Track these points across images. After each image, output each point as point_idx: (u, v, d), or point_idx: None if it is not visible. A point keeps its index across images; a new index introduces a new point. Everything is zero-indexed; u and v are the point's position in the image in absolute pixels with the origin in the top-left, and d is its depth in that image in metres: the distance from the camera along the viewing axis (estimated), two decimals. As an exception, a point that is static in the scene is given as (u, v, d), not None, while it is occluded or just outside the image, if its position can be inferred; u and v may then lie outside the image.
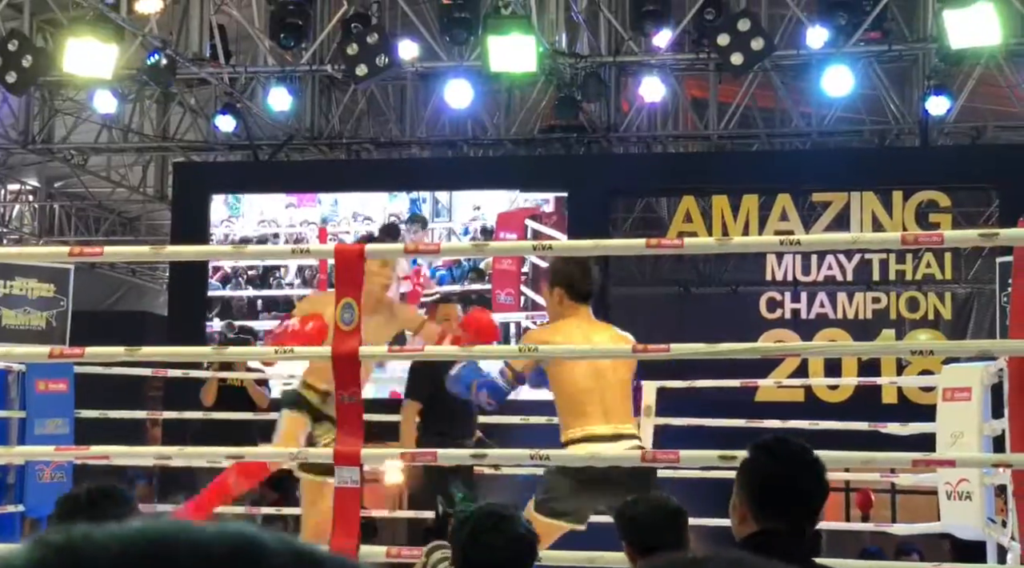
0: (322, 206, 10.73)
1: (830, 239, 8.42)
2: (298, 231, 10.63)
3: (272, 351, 4.44)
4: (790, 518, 2.39)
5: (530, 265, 10.10)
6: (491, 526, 2.61)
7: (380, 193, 10.68)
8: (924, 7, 9.99)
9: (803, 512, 2.41)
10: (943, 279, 9.75)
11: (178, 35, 10.47)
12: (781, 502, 2.39)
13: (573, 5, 10.31)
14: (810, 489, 2.42)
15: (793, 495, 2.41)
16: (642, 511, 3.07)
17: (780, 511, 2.39)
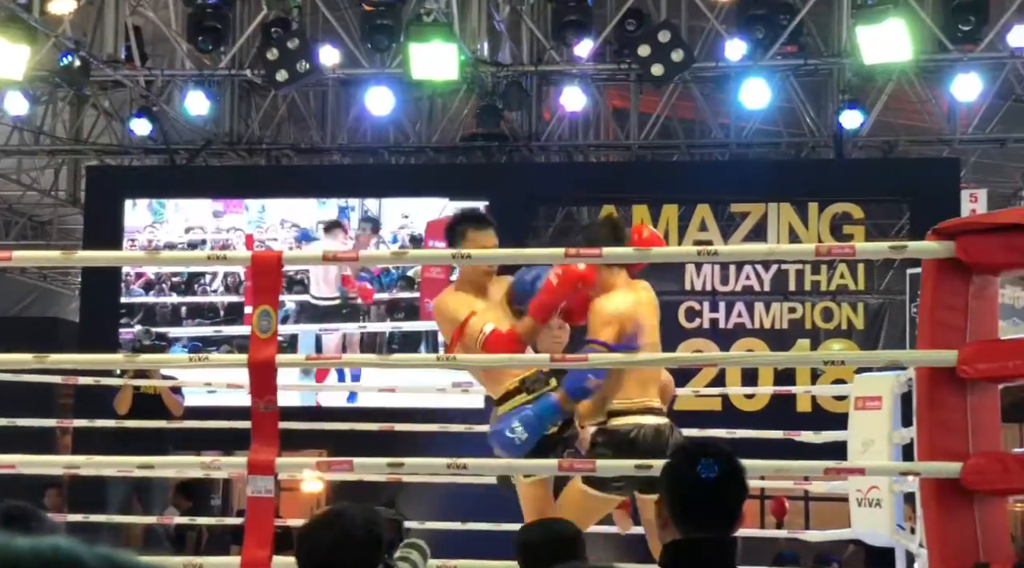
0: (249, 212, 10.60)
1: (747, 250, 8.54)
2: (225, 238, 10.49)
3: (187, 359, 4.38)
4: (710, 524, 2.41)
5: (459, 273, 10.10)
6: (324, 523, 2.54)
7: (308, 200, 10.58)
8: (838, 23, 10.18)
9: (721, 518, 2.42)
10: (856, 290, 9.94)
11: (92, 36, 10.28)
12: (699, 508, 2.41)
13: (495, 14, 10.33)
14: (728, 495, 2.43)
15: (711, 501, 2.42)
16: (535, 538, 3.05)
17: (699, 517, 2.40)
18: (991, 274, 3.38)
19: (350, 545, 2.50)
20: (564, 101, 10.73)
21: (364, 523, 2.55)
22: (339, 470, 3.99)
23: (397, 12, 9.64)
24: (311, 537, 2.53)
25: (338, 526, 2.51)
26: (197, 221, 10.63)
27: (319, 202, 10.60)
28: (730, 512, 2.42)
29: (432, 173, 11.34)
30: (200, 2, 9.98)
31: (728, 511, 2.42)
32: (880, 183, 10.21)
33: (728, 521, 2.41)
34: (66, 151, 12.43)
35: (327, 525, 2.51)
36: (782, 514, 10.19)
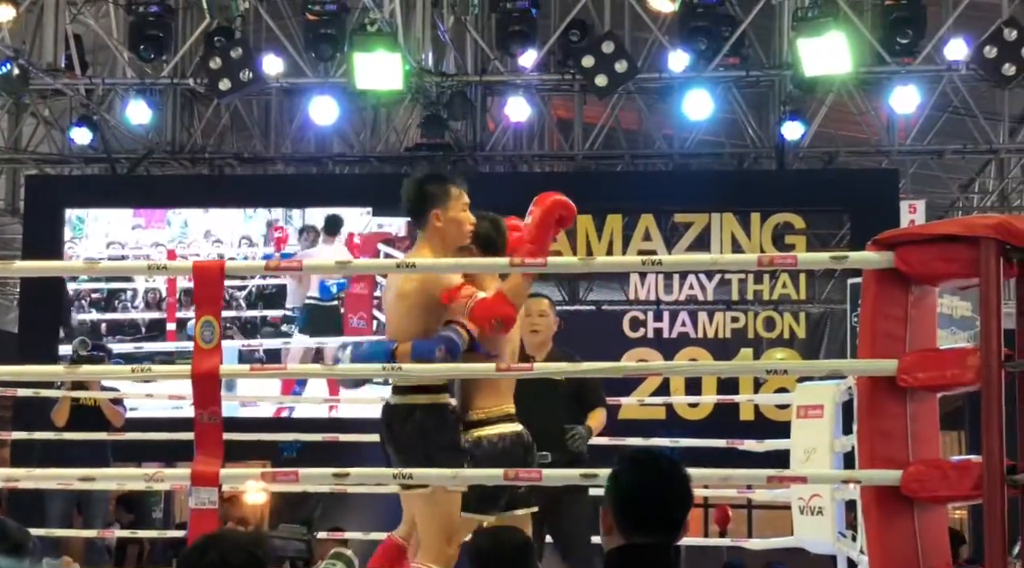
0: (172, 227, 10.46)
1: (691, 260, 8.61)
2: (146, 252, 10.34)
3: (128, 370, 4.33)
4: (653, 531, 2.42)
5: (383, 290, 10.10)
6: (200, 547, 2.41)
7: (235, 212, 10.47)
8: (780, 35, 10.31)
9: (666, 524, 2.43)
10: (798, 299, 10.05)
11: (32, 44, 10.15)
12: (644, 514, 2.42)
13: (439, 24, 10.34)
14: (673, 501, 2.44)
15: (656, 507, 2.43)
16: (488, 545, 3.05)
17: (643, 523, 2.41)
18: (930, 284, 3.43)
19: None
20: (508, 111, 10.75)
21: (244, 546, 2.44)
22: (285, 481, 3.96)
23: (341, 21, 9.62)
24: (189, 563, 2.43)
25: (214, 551, 2.42)
26: (118, 236, 10.47)
27: (245, 215, 10.47)
28: (674, 518, 2.43)
29: (377, 183, 11.29)
30: (142, 11, 9.90)
31: (672, 517, 2.44)
32: (821, 194, 10.33)
33: (672, 527, 2.43)
34: (5, 160, 12.24)
35: (202, 550, 2.41)
36: (725, 523, 10.24)
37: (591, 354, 4.53)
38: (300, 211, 10.47)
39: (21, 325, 11.03)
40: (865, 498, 3.50)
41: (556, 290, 12.85)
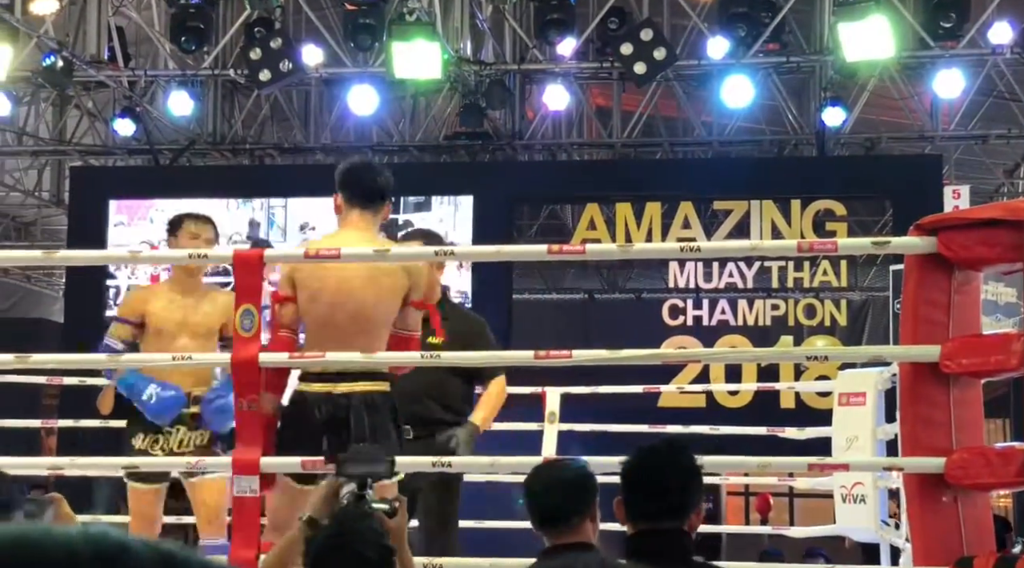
0: (154, 224, 10.25)
1: (729, 246, 8.56)
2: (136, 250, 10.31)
3: (169, 358, 4.37)
4: (657, 517, 2.46)
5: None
6: (333, 547, 2.44)
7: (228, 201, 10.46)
8: (820, 20, 10.22)
9: (668, 510, 2.47)
10: (839, 287, 9.98)
11: (75, 37, 10.25)
12: (644, 501, 2.47)
13: (478, 13, 10.33)
14: (670, 487, 2.47)
15: (654, 494, 2.47)
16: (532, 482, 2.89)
17: (645, 510, 2.46)
18: (973, 269, 3.40)
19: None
20: (547, 100, 10.73)
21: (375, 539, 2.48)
22: (325, 469, 3.98)
23: (380, 11, 9.63)
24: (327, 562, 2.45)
25: (350, 549, 2.45)
26: None
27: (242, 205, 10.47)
28: (674, 503, 2.46)
29: (415, 172, 11.33)
30: (183, 2, 9.96)
31: (672, 502, 2.47)
32: (863, 180, 10.25)
33: (675, 512, 2.45)
34: (49, 152, 12.38)
35: (336, 549, 2.45)
36: (767, 510, 10.23)
37: (630, 341, 4.53)
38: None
39: (66, 314, 11.17)
40: (908, 486, 3.48)
41: (596, 278, 12.85)
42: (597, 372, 6.38)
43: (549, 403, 6.78)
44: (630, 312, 11.24)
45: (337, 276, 3.84)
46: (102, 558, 0.57)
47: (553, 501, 2.73)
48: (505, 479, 5.74)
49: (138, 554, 0.59)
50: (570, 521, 2.70)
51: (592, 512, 2.75)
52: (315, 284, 3.83)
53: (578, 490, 2.78)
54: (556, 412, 6.73)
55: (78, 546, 0.57)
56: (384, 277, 3.86)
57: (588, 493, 2.79)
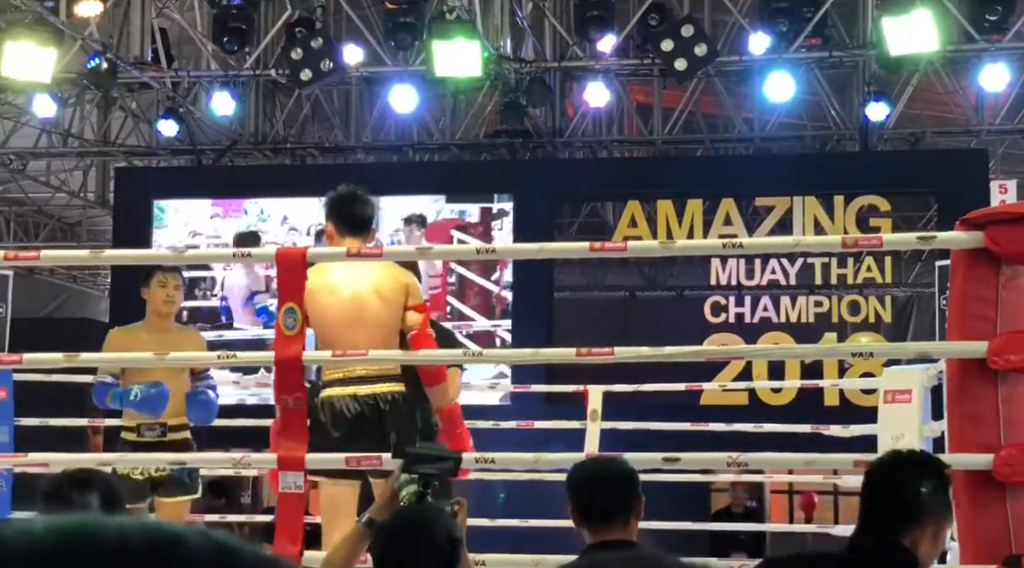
0: (248, 215, 10.60)
1: (771, 242, 8.50)
2: (226, 241, 10.47)
3: (215, 357, 4.40)
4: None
5: (456, 276, 10.14)
6: (406, 537, 2.48)
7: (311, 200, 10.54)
8: (863, 14, 10.13)
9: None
10: (884, 283, 9.88)
11: (119, 39, 10.35)
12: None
13: (518, 10, 10.33)
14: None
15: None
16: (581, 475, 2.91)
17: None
18: (1021, 264, 3.36)
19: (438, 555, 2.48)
20: (587, 97, 10.71)
21: (446, 533, 2.53)
22: (369, 465, 4.00)
23: (420, 10, 9.65)
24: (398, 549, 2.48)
25: (424, 535, 2.48)
26: (197, 225, 10.63)
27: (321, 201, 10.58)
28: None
29: (456, 170, 11.36)
30: (225, 3, 10.03)
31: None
32: (907, 175, 10.15)
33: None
34: (94, 153, 12.52)
35: (411, 534, 2.47)
36: (811, 509, 10.15)
37: (672, 339, 4.51)
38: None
39: (112, 314, 11.28)
40: (956, 483, 3.44)
41: (637, 275, 12.80)
42: (639, 370, 6.36)
43: (591, 401, 6.78)
44: (672, 310, 11.19)
45: (350, 292, 4.25)
46: (157, 549, 0.57)
47: (602, 498, 2.75)
48: (548, 477, 5.74)
49: (194, 545, 0.58)
50: (617, 519, 2.72)
51: (638, 510, 2.76)
52: (329, 300, 4.19)
53: (627, 487, 2.79)
54: (598, 410, 6.73)
55: (132, 537, 0.57)
56: (387, 290, 4.27)
57: (635, 490, 2.82)
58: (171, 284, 5.32)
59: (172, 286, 5.32)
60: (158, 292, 5.29)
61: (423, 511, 2.64)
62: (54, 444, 6.17)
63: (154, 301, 5.30)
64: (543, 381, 8.44)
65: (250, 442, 7.42)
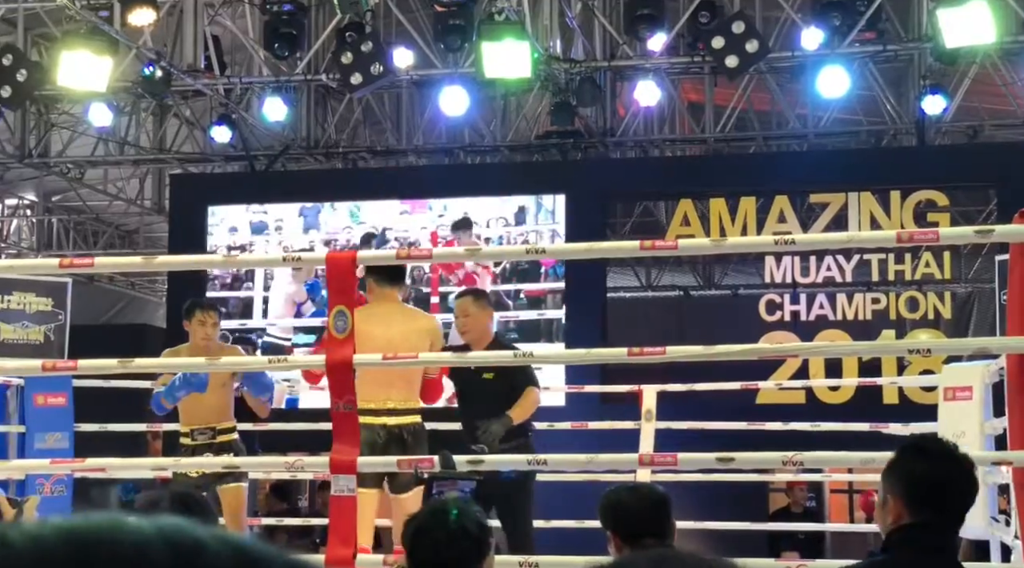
0: (432, 211, 10.54)
1: (825, 238, 8.40)
2: (414, 237, 10.44)
3: (266, 361, 4.42)
4: (945, 512, 2.46)
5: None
6: (437, 523, 2.55)
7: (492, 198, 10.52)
8: (918, 7, 9.98)
9: (955, 508, 2.48)
10: (943, 279, 9.73)
11: (172, 47, 10.45)
12: (934, 499, 2.45)
13: (567, 10, 10.29)
14: (962, 486, 2.49)
15: (946, 492, 2.47)
16: (626, 498, 3.04)
17: (933, 508, 2.44)
18: (1082, 256, 3.28)
19: (466, 541, 2.52)
20: (638, 96, 10.65)
21: (475, 521, 2.57)
22: (424, 468, 4.00)
23: (469, 12, 9.65)
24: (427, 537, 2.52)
25: (453, 525, 2.52)
26: (382, 221, 10.66)
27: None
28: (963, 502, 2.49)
29: (508, 171, 11.34)
30: (276, 10, 10.10)
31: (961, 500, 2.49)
32: (965, 169, 9.98)
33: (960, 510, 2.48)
34: (150, 160, 12.66)
35: (440, 524, 2.52)
36: (871, 509, 10.01)
37: (727, 338, 4.47)
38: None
39: (169, 320, 11.40)
40: (1018, 481, 3.36)
41: (691, 275, 12.73)
42: (694, 370, 6.31)
43: (646, 401, 6.73)
44: (726, 308, 11.11)
45: (383, 337, 4.85)
46: (177, 557, 0.56)
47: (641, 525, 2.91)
48: (602, 478, 5.70)
49: (215, 553, 0.57)
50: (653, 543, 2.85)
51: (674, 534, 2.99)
52: (366, 343, 4.50)
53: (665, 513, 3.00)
54: (653, 410, 6.68)
55: (152, 544, 0.56)
56: (415, 337, 4.98)
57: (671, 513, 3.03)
58: (209, 322, 5.73)
59: (210, 323, 5.73)
60: (198, 329, 5.70)
61: (452, 500, 2.70)
62: (113, 449, 6.24)
63: (195, 336, 5.70)
64: (598, 381, 8.40)
65: (305, 446, 7.46)
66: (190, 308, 5.84)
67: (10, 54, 9.70)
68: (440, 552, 2.48)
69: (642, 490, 3.17)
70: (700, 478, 6.41)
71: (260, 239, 10.70)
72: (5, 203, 14.91)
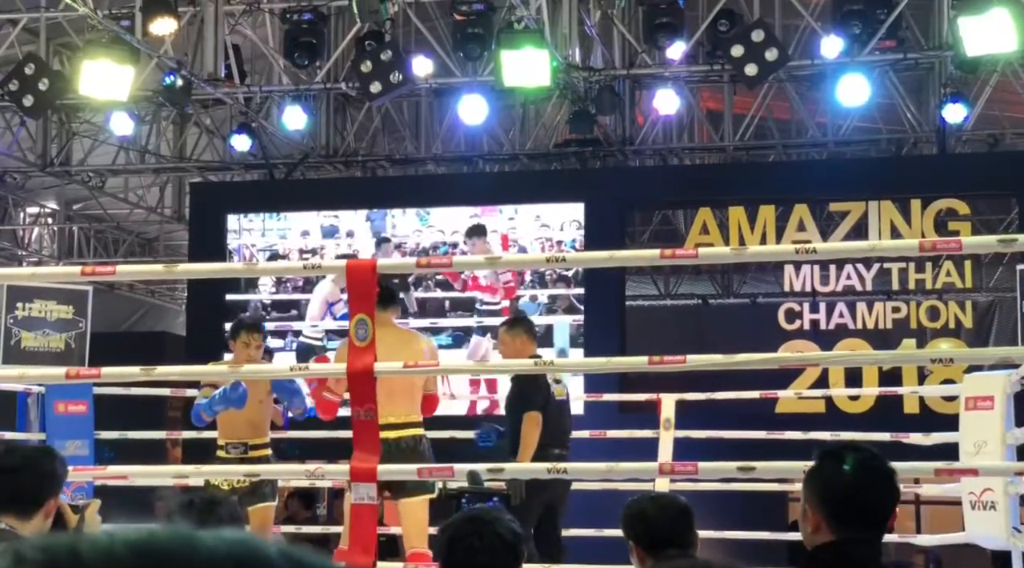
0: (502, 215, 10.52)
1: (846, 247, 8.36)
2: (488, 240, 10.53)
3: (288, 369, 4.43)
4: (865, 526, 2.39)
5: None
6: (472, 531, 2.55)
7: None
8: (939, 15, 9.94)
9: (877, 520, 2.41)
10: (963, 288, 9.68)
11: (193, 56, 10.50)
12: (856, 511, 2.39)
13: (586, 19, 10.30)
14: (883, 497, 2.42)
15: (868, 503, 2.40)
16: (648, 508, 3.03)
17: (855, 520, 2.38)
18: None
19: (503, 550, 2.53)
20: (657, 104, 10.64)
21: (509, 528, 2.58)
22: (440, 476, 4.00)
23: (488, 20, 9.66)
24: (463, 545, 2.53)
25: (488, 533, 2.52)
26: (451, 225, 10.67)
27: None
28: (883, 512, 2.43)
29: (526, 180, 11.35)
30: (296, 19, 10.13)
31: (881, 511, 2.42)
32: (987, 178, 9.94)
33: (881, 521, 2.42)
34: (170, 169, 12.72)
35: (476, 533, 2.53)
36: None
37: (745, 347, 4.47)
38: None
39: (189, 327, 11.44)
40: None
41: (710, 283, 12.70)
42: (713, 378, 6.29)
43: (664, 409, 6.71)
44: (745, 317, 11.07)
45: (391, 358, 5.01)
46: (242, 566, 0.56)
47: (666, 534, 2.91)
48: (622, 486, 5.69)
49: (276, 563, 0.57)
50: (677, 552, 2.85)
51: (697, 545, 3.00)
52: None
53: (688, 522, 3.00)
54: (672, 418, 6.67)
55: (218, 553, 0.55)
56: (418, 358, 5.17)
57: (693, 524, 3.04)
58: (254, 344, 5.79)
59: (255, 345, 5.79)
60: (242, 350, 5.76)
61: (485, 509, 2.72)
62: (133, 457, 6.27)
63: (238, 356, 5.77)
64: (616, 390, 8.39)
65: (324, 454, 7.47)
66: (236, 328, 5.90)
67: (32, 63, 9.76)
68: (478, 560, 2.49)
69: (665, 500, 3.16)
70: (719, 487, 6.39)
71: (331, 243, 10.75)
72: (26, 211, 15.00)
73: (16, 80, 9.74)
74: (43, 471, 2.82)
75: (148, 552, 0.55)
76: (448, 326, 10.28)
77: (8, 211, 14.46)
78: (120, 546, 0.55)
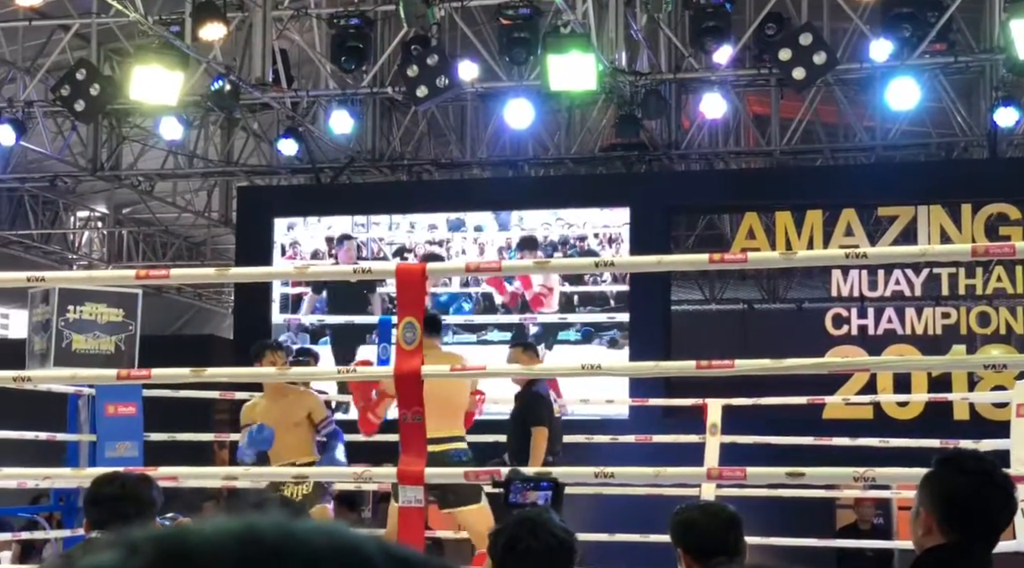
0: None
1: (897, 252, 8.28)
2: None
3: (335, 371, 4.46)
4: (976, 533, 2.41)
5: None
6: (527, 532, 2.60)
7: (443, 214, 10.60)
8: (990, 18, 9.83)
9: (989, 527, 2.43)
10: (1015, 293, 9.55)
11: (241, 61, 10.58)
12: (969, 517, 2.40)
13: (632, 23, 10.27)
14: (999, 505, 2.43)
15: (982, 510, 2.41)
16: (698, 516, 3.03)
17: (967, 525, 2.40)
18: None
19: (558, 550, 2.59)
20: (704, 108, 10.60)
21: (561, 528, 2.66)
22: (484, 480, 4.01)
23: (535, 25, 9.67)
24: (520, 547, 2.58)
25: (543, 533, 2.56)
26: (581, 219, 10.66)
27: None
28: (998, 520, 2.44)
29: (572, 184, 11.34)
30: (343, 23, 10.19)
31: (995, 519, 2.43)
32: (1038, 182, 9.81)
33: (995, 529, 2.43)
34: (218, 173, 12.83)
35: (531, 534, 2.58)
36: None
37: (791, 352, 4.42)
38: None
39: (236, 330, 11.53)
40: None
41: (755, 288, 12.62)
42: (759, 384, 6.25)
43: (711, 415, 6.69)
44: (791, 322, 10.99)
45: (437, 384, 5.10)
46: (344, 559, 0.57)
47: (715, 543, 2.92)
48: (668, 492, 5.67)
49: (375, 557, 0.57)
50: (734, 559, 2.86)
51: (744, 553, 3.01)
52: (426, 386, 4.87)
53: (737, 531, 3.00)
54: (718, 424, 6.64)
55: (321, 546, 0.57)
56: (460, 384, 5.49)
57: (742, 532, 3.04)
58: (279, 363, 5.90)
59: (280, 364, 5.89)
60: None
61: (535, 511, 2.79)
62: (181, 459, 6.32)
63: None
64: (661, 395, 8.36)
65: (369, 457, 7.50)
66: (259, 350, 5.99)
67: (84, 69, 9.88)
68: (536, 561, 2.54)
69: (714, 509, 3.15)
70: (766, 493, 6.35)
71: (458, 236, 10.79)
72: (77, 215, 15.19)
73: (68, 85, 9.88)
74: (143, 498, 3.00)
75: (253, 542, 0.57)
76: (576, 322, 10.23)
77: (59, 215, 14.65)
78: (226, 537, 0.57)
